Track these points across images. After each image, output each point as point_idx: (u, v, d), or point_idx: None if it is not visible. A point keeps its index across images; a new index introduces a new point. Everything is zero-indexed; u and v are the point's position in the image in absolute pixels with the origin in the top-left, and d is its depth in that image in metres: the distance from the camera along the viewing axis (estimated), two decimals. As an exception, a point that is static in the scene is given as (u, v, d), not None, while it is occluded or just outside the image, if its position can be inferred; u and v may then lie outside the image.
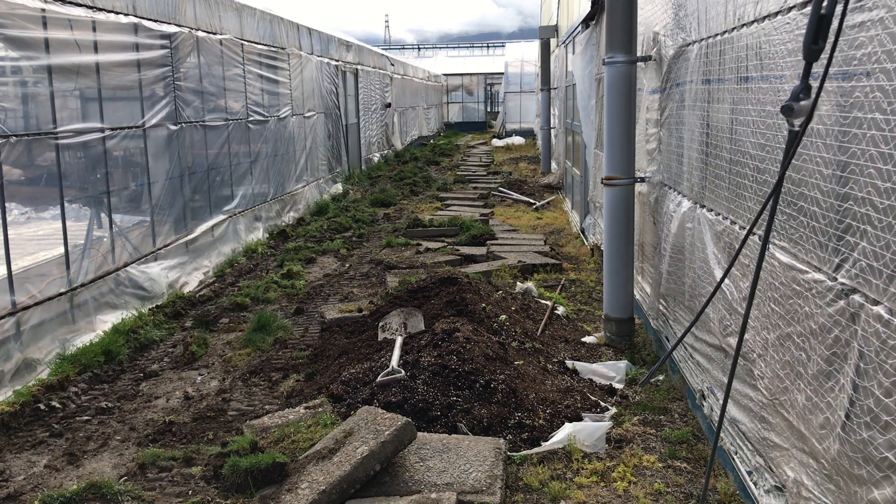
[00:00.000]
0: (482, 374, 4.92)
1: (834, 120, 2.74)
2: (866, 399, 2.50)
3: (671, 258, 5.40)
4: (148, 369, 6.05)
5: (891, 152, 2.32)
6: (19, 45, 5.97)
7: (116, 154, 7.41)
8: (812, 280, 2.92)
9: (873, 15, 2.45)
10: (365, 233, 11.95)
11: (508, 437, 4.48)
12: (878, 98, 2.41)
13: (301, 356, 6.15)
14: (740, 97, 3.89)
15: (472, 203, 14.91)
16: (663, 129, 5.87)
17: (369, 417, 4.23)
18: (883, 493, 2.41)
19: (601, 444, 4.47)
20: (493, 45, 51.82)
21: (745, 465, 3.82)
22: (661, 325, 5.91)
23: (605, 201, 6.30)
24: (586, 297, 7.87)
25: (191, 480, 4.26)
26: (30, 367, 5.64)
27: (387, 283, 8.37)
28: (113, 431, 4.96)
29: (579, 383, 5.35)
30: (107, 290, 6.92)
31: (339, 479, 3.80)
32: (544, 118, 20.36)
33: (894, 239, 2.31)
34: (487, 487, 3.87)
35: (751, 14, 3.70)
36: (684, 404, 5.07)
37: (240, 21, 10.65)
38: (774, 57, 3.36)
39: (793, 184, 3.12)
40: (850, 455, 2.60)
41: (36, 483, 4.30)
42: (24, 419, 5.08)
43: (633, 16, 6.01)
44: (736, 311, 3.96)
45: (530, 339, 5.98)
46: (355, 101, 19.00)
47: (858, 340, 2.55)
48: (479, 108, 44.30)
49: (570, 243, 10.80)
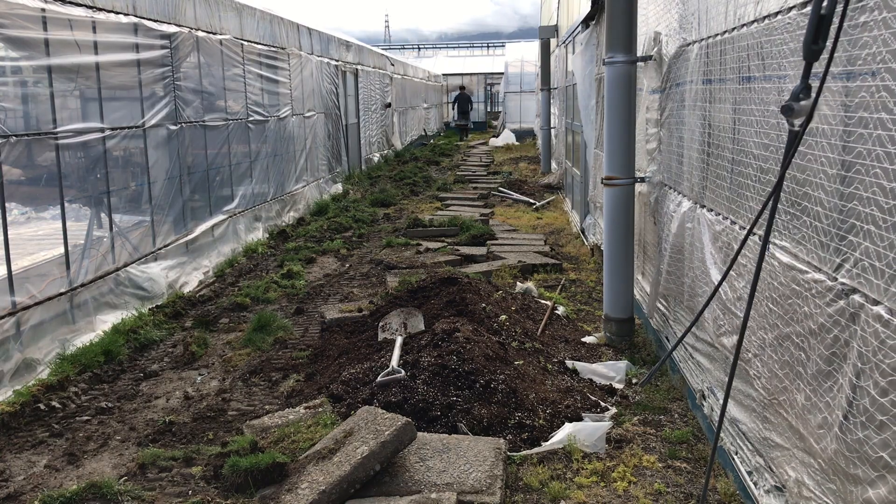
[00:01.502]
0: (482, 374, 4.92)
1: (838, 120, 2.74)
2: (862, 398, 2.51)
3: (671, 258, 5.40)
4: (148, 369, 6.05)
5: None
6: (19, 45, 5.97)
7: (116, 154, 7.41)
8: (812, 280, 2.93)
9: (876, 15, 2.44)
10: (365, 233, 11.95)
11: (508, 437, 4.48)
12: (884, 98, 2.41)
13: (301, 356, 6.15)
14: (743, 97, 3.89)
15: (472, 203, 14.91)
16: (663, 129, 5.88)
17: (369, 417, 4.23)
18: (878, 492, 2.42)
19: (601, 444, 4.47)
20: (493, 45, 51.84)
21: (745, 465, 3.83)
22: (661, 325, 5.91)
23: (606, 201, 6.30)
24: (586, 298, 7.87)
25: (191, 480, 4.26)
26: (30, 367, 5.64)
27: (387, 284, 8.37)
28: (113, 431, 4.96)
29: (579, 383, 5.36)
30: (107, 290, 6.92)
31: (340, 479, 3.80)
32: (544, 118, 20.37)
33: (897, 239, 2.31)
34: (487, 487, 3.87)
35: (751, 14, 3.70)
36: (684, 404, 5.07)
37: (240, 21, 10.65)
38: (777, 57, 3.37)
39: (796, 184, 3.13)
40: (847, 455, 2.62)
41: (36, 483, 4.30)
42: (24, 419, 5.08)
43: (634, 16, 6.01)
44: (730, 311, 3.96)
45: (530, 339, 5.99)
46: (355, 101, 19.01)
47: (857, 340, 2.55)
48: (479, 108, 44.36)
49: (570, 243, 10.81)
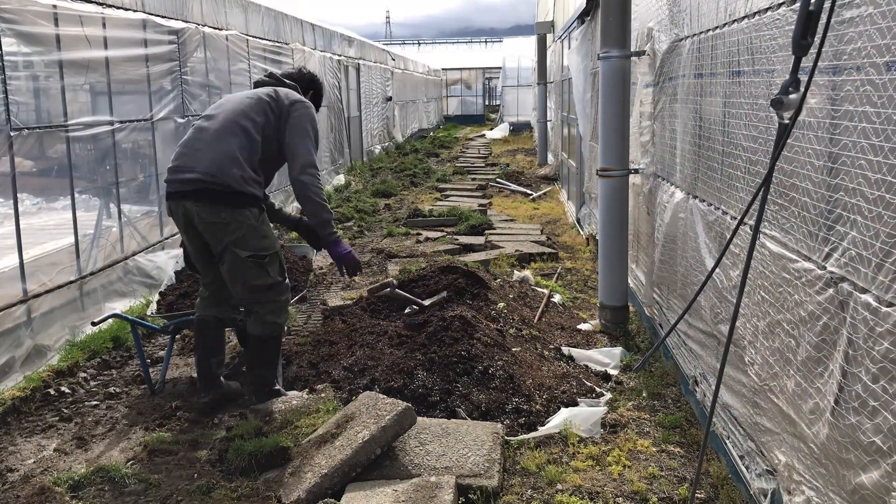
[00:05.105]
0: (481, 361, 5.02)
1: (825, 113, 2.81)
2: (854, 385, 2.56)
3: (664, 247, 5.49)
4: (155, 355, 6.15)
5: (881, 144, 2.39)
6: (31, 40, 6.07)
7: (125, 146, 7.53)
8: (802, 269, 3.00)
9: (862, 11, 2.52)
10: (366, 223, 12.04)
11: (506, 422, 4.57)
12: (868, 91, 2.48)
13: (304, 343, 6.24)
14: (733, 91, 3.97)
15: (470, 194, 14.99)
16: (657, 122, 5.96)
17: (370, 402, 4.31)
18: (870, 476, 2.47)
19: (597, 428, 4.56)
20: (490, 40, 51.72)
21: (737, 449, 3.90)
22: (655, 313, 6.00)
23: (600, 192, 6.39)
24: (582, 286, 7.97)
25: (196, 464, 4.35)
26: (40, 353, 5.75)
27: (388, 272, 8.46)
28: (121, 416, 5.06)
29: (575, 369, 5.45)
30: (115, 279, 7.03)
31: (341, 462, 3.88)
32: (541, 111, 20.45)
33: (883, 228, 2.38)
34: (486, 471, 3.95)
35: (742, 10, 3.78)
36: (678, 390, 5.17)
37: (245, 17, 10.75)
38: (766, 52, 3.45)
39: (784, 175, 3.20)
40: (839, 440, 2.67)
41: (46, 466, 4.39)
42: (35, 404, 5.18)
43: (628, 11, 6.09)
44: (726, 300, 4.04)
45: (528, 327, 6.08)
46: (357, 95, 19.12)
47: (847, 328, 2.61)
48: (477, 102, 44.44)
49: (566, 233, 10.90)
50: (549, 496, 3.89)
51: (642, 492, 3.90)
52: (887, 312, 2.36)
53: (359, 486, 3.84)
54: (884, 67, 2.39)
